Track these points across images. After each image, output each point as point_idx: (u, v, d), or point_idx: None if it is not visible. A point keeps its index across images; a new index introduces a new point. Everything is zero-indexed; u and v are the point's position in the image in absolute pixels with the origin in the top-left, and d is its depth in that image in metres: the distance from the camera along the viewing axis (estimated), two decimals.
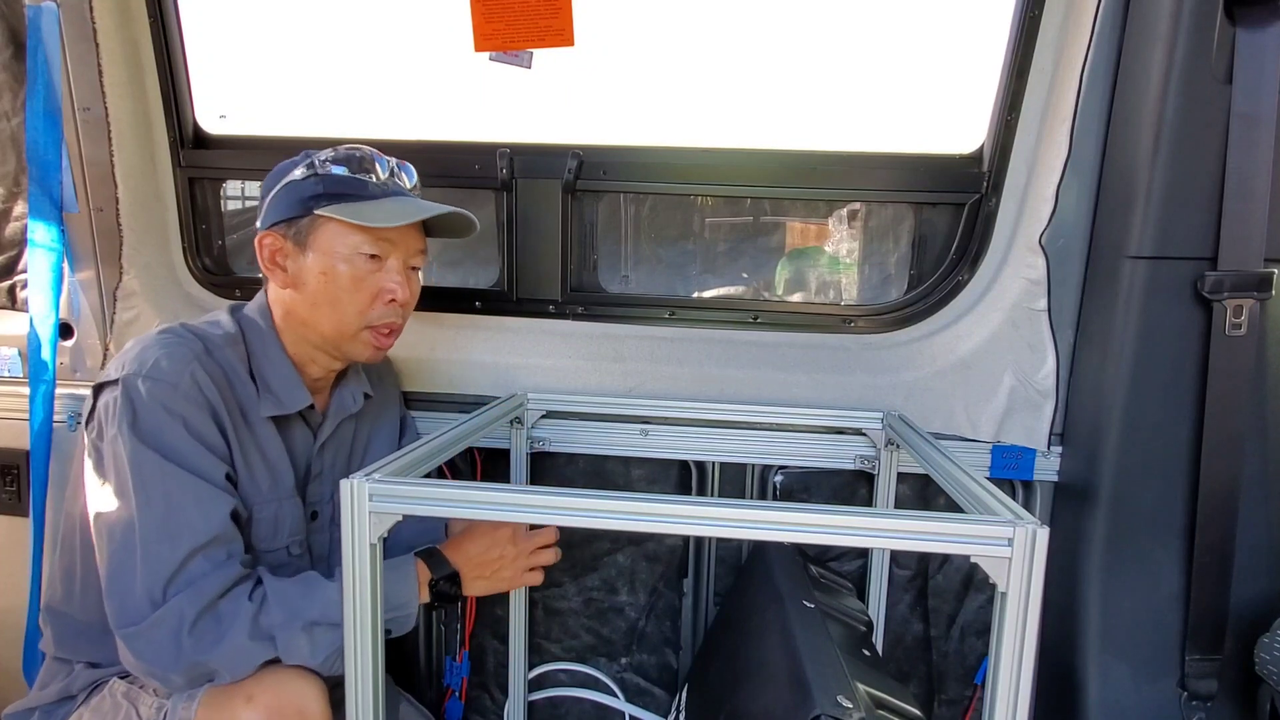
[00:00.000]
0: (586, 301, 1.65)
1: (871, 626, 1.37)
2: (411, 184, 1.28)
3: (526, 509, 0.94)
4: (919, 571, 1.62)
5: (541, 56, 1.50)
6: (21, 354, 1.67)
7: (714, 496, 1.62)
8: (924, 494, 1.59)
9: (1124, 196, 1.32)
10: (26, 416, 1.56)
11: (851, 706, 0.94)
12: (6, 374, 1.70)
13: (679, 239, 1.72)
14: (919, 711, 1.05)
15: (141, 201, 1.63)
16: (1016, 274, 1.47)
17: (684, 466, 1.64)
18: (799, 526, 0.87)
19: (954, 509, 1.02)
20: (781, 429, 1.56)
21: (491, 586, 1.24)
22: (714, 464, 1.62)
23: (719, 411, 1.56)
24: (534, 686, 1.72)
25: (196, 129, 1.69)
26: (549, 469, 1.66)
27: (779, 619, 1.22)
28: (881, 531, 0.87)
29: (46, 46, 1.47)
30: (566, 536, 1.67)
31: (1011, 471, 1.51)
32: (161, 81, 1.61)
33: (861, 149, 1.59)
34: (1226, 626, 1.31)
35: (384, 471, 0.97)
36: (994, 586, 0.86)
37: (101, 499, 1.09)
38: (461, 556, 1.22)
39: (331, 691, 1.07)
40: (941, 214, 1.59)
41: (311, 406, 1.26)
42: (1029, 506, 1.52)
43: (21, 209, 1.67)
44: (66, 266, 1.58)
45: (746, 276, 1.73)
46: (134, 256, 1.62)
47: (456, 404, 1.62)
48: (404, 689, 1.54)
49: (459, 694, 1.71)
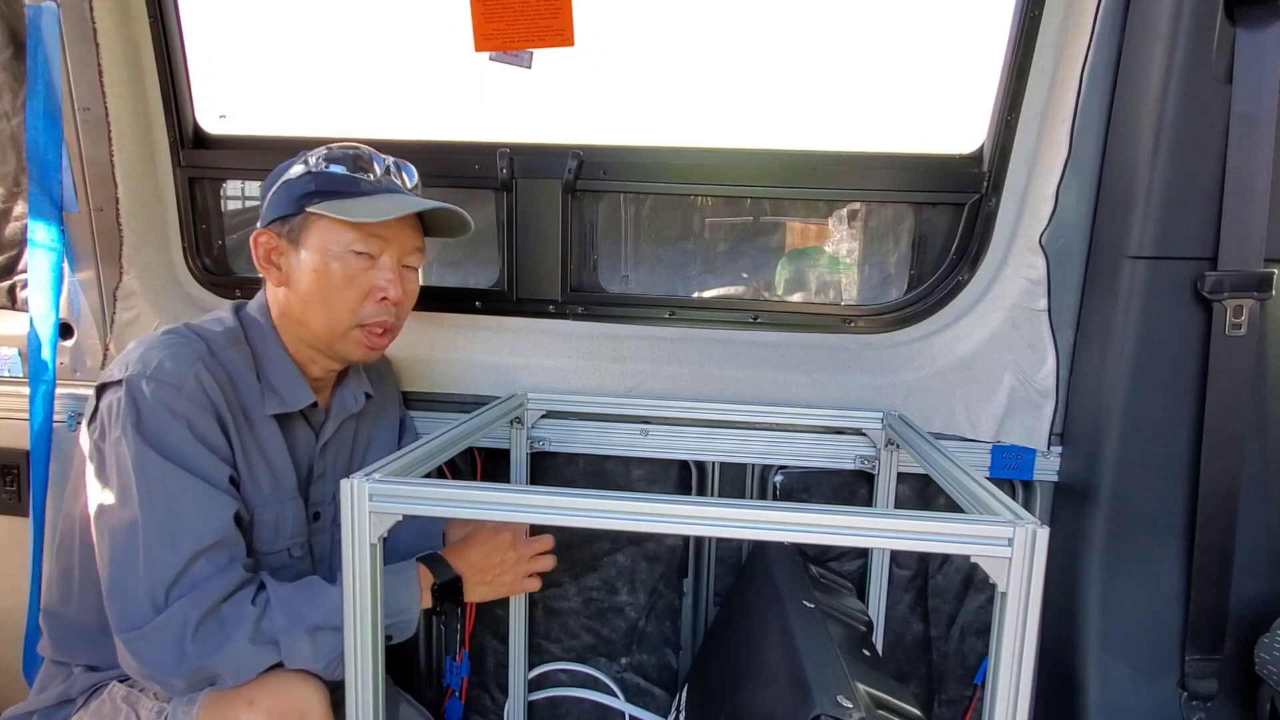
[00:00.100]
0: (586, 301, 1.65)
1: (871, 626, 1.37)
2: (413, 184, 1.28)
3: (526, 509, 0.94)
4: (919, 571, 1.62)
5: (541, 56, 1.50)
6: (21, 354, 1.67)
7: (714, 496, 1.62)
8: (924, 494, 1.59)
9: (1124, 196, 1.32)
10: (26, 416, 1.56)
11: (851, 706, 0.94)
12: (6, 374, 1.70)
13: (679, 239, 1.72)
14: (919, 711, 1.05)
15: (141, 201, 1.63)
16: (1016, 274, 1.47)
17: (684, 466, 1.64)
18: (799, 526, 0.87)
19: (954, 509, 1.02)
20: (781, 429, 1.56)
21: (492, 592, 1.24)
22: (714, 464, 1.62)
23: (719, 411, 1.56)
24: (534, 686, 1.72)
25: (196, 129, 1.69)
26: (549, 469, 1.66)
27: (779, 619, 1.22)
28: (881, 531, 0.87)
29: (46, 46, 1.47)
30: (566, 536, 1.68)
31: (1011, 471, 1.51)
32: (161, 81, 1.61)
33: (861, 149, 1.59)
34: (1226, 626, 1.31)
35: (384, 471, 0.97)
36: (994, 586, 0.86)
37: (104, 500, 1.08)
38: (463, 562, 1.22)
39: (332, 692, 1.07)
40: (941, 214, 1.59)
41: (315, 405, 1.26)
42: (1029, 506, 1.52)
43: (21, 209, 1.67)
44: (66, 266, 1.58)
45: (746, 276, 1.73)
46: (134, 256, 1.62)
47: (456, 404, 1.62)
48: (404, 689, 1.54)
49: (459, 694, 1.71)
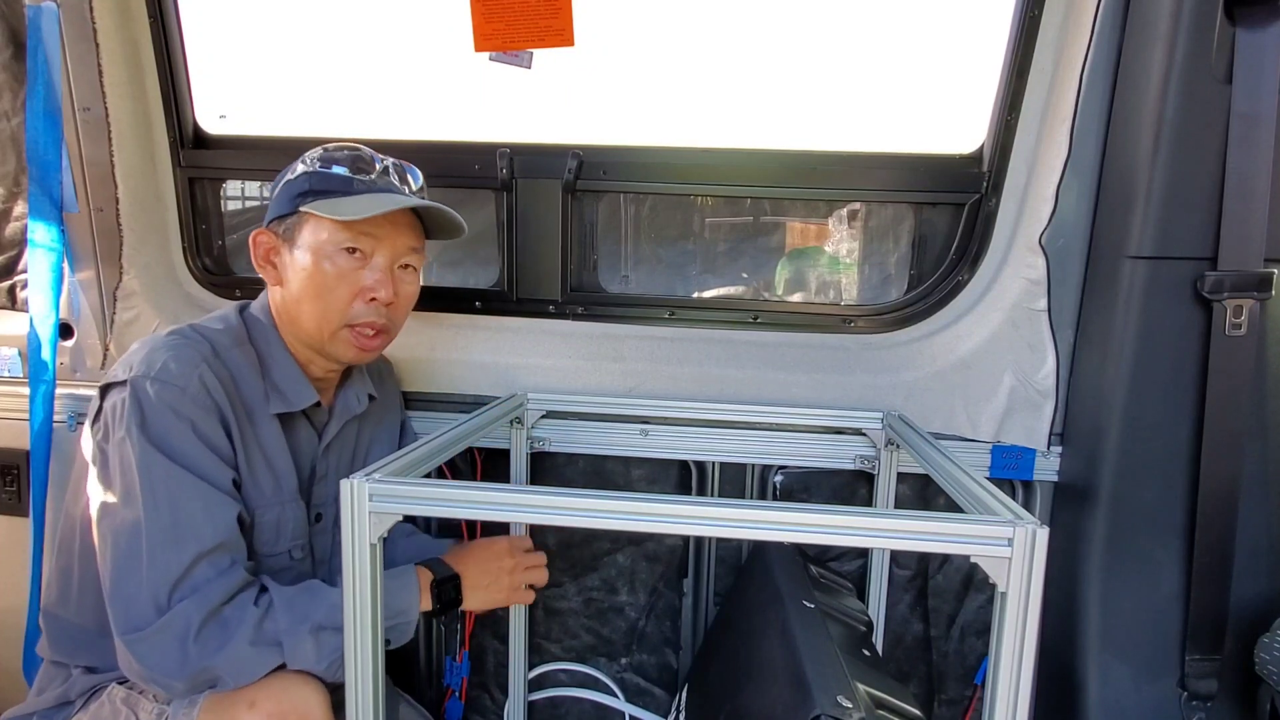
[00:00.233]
0: (586, 301, 1.65)
1: (871, 626, 1.37)
2: (418, 185, 1.28)
3: (526, 509, 0.94)
4: (919, 571, 1.62)
5: (541, 56, 1.50)
6: (21, 354, 1.67)
7: (714, 496, 1.62)
8: (924, 494, 1.59)
9: (1124, 196, 1.32)
10: (26, 416, 1.56)
11: (851, 706, 0.94)
12: (6, 374, 1.70)
13: (679, 239, 1.72)
14: (919, 711, 1.05)
15: (141, 201, 1.63)
16: (1016, 274, 1.47)
17: (684, 466, 1.64)
18: (799, 526, 0.87)
19: (954, 509, 1.02)
20: (781, 429, 1.56)
21: (488, 598, 1.25)
22: (714, 464, 1.62)
23: (719, 411, 1.56)
24: (534, 686, 1.72)
25: (196, 129, 1.69)
26: (549, 469, 1.66)
27: (779, 619, 1.22)
28: (881, 531, 0.87)
29: (46, 46, 1.47)
30: (566, 536, 1.68)
31: (1011, 471, 1.51)
32: (161, 81, 1.61)
33: (861, 149, 1.59)
34: (1226, 626, 1.31)
35: (384, 471, 0.97)
36: (994, 586, 0.86)
37: (107, 501, 1.08)
38: (461, 564, 1.23)
39: (332, 692, 1.07)
40: (941, 214, 1.59)
41: (318, 405, 1.26)
42: (1029, 506, 1.52)
43: (21, 209, 1.67)
44: (66, 266, 1.58)
45: (746, 276, 1.73)
46: (134, 256, 1.62)
47: (456, 404, 1.62)
48: (404, 689, 1.54)
49: (459, 694, 1.71)
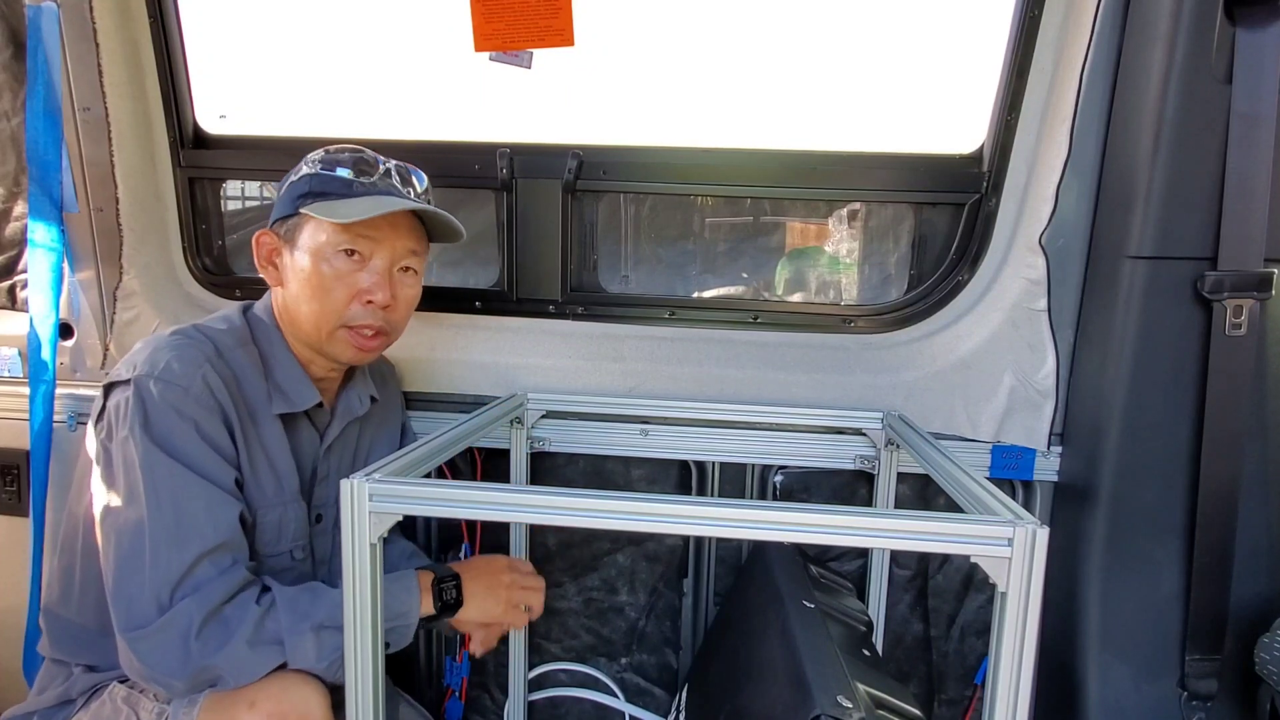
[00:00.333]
0: (586, 301, 1.65)
1: (871, 626, 1.37)
2: (423, 188, 1.28)
3: (526, 509, 0.94)
4: (919, 571, 1.62)
5: (541, 56, 1.50)
6: (21, 354, 1.67)
7: (714, 496, 1.62)
8: (924, 494, 1.59)
9: (1124, 196, 1.32)
10: (26, 416, 1.56)
11: (851, 706, 0.94)
12: (6, 374, 1.70)
13: (679, 239, 1.72)
14: (919, 711, 1.05)
15: (141, 201, 1.63)
16: (1016, 274, 1.47)
17: (684, 466, 1.64)
18: (799, 526, 0.87)
19: (954, 509, 1.02)
20: (781, 429, 1.56)
21: (485, 609, 1.23)
22: (714, 464, 1.62)
23: (719, 411, 1.56)
24: (534, 686, 1.72)
25: (196, 129, 1.69)
26: (549, 469, 1.66)
27: (779, 619, 1.22)
28: (881, 531, 0.87)
29: (46, 46, 1.47)
30: (566, 536, 1.68)
31: (1011, 471, 1.51)
32: (161, 81, 1.61)
33: (861, 149, 1.59)
34: (1226, 626, 1.31)
35: (384, 471, 0.97)
36: (994, 586, 0.86)
37: (110, 500, 1.08)
38: (462, 568, 1.23)
39: (333, 692, 1.07)
40: (941, 214, 1.59)
41: (320, 405, 1.27)
42: (1029, 506, 1.52)
43: (21, 209, 1.67)
44: (66, 266, 1.58)
45: (746, 276, 1.73)
46: (134, 256, 1.62)
47: (456, 404, 1.62)
48: (404, 689, 1.54)
49: (459, 694, 1.71)
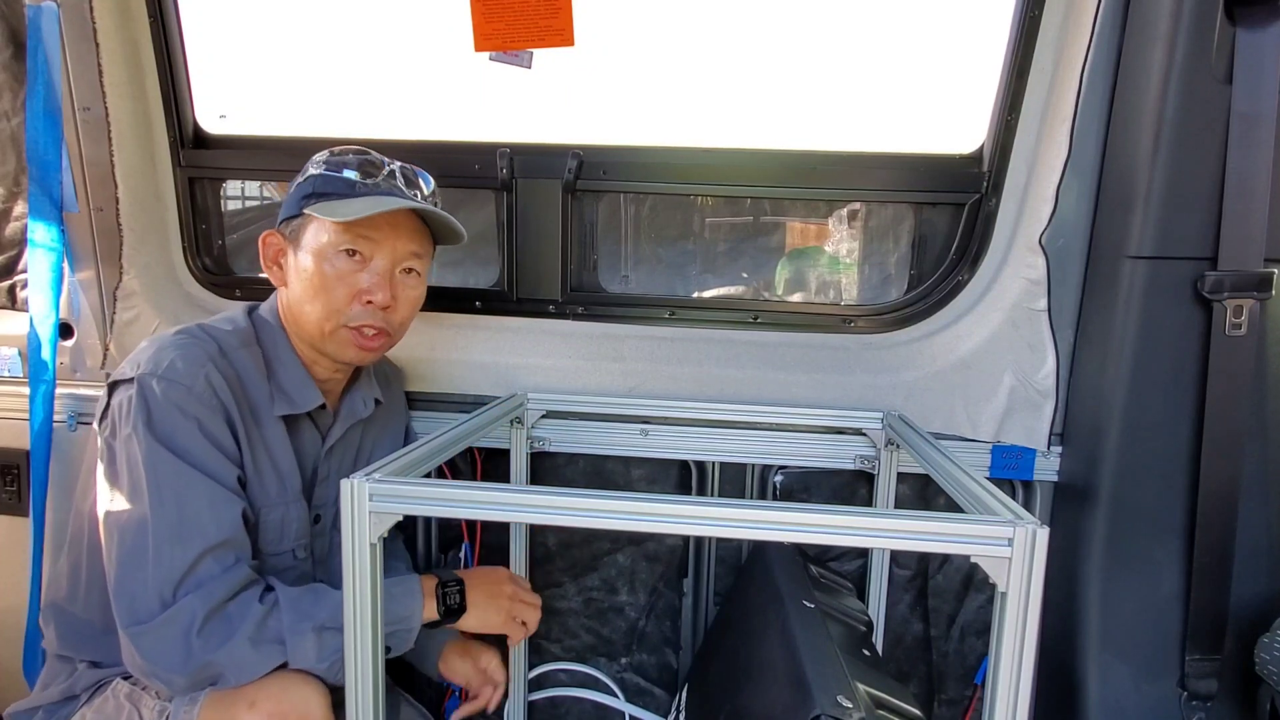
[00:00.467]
0: (586, 301, 1.65)
1: (871, 626, 1.37)
2: (429, 190, 1.28)
3: (526, 509, 0.94)
4: (919, 571, 1.62)
5: (541, 56, 1.50)
6: (21, 354, 1.67)
7: (714, 496, 1.62)
8: (924, 494, 1.59)
9: (1124, 196, 1.32)
10: (26, 416, 1.56)
11: (851, 706, 0.94)
12: (6, 374, 1.70)
13: (679, 239, 1.72)
14: (919, 711, 1.05)
15: (141, 201, 1.63)
16: (1016, 274, 1.47)
17: (684, 466, 1.64)
18: (799, 526, 0.87)
19: (954, 509, 1.02)
20: (781, 429, 1.56)
21: (485, 618, 1.23)
22: (714, 464, 1.62)
23: (719, 411, 1.56)
24: (534, 686, 1.72)
25: (196, 129, 1.69)
26: (549, 469, 1.66)
27: (779, 619, 1.22)
28: (881, 531, 0.87)
29: (46, 46, 1.47)
30: (566, 536, 1.68)
31: (1011, 471, 1.51)
32: (161, 81, 1.61)
33: (861, 149, 1.59)
34: (1226, 626, 1.31)
35: (384, 471, 0.97)
36: (994, 586, 0.86)
37: (114, 497, 1.09)
38: (464, 574, 1.23)
39: (332, 692, 1.07)
40: (941, 214, 1.59)
41: (323, 407, 1.27)
42: (1029, 506, 1.52)
43: (21, 209, 1.67)
44: (66, 266, 1.58)
45: (746, 276, 1.73)
46: (134, 256, 1.62)
47: (456, 404, 1.62)
48: (404, 689, 1.54)
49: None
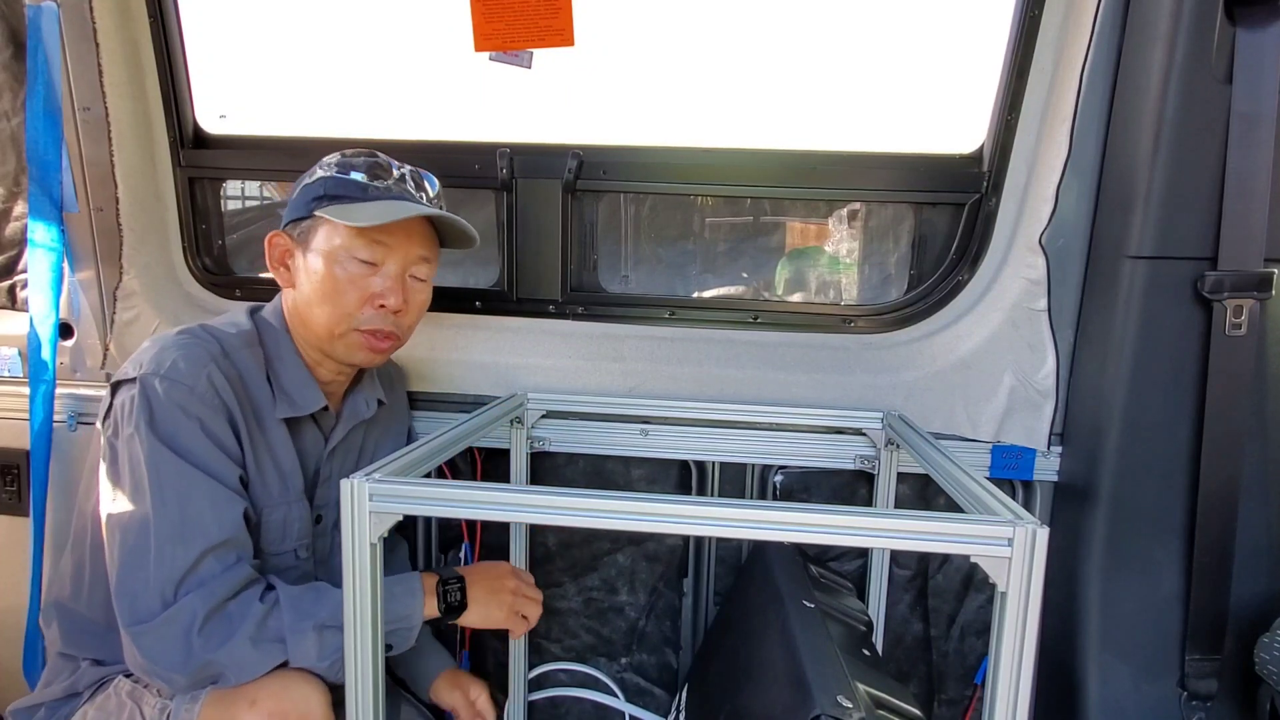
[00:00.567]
0: (586, 301, 1.65)
1: (871, 626, 1.37)
2: (435, 193, 1.28)
3: (526, 509, 0.94)
4: (919, 571, 1.62)
5: (541, 56, 1.50)
6: (21, 354, 1.67)
7: (714, 496, 1.62)
8: (924, 494, 1.59)
9: (1124, 196, 1.32)
10: (26, 416, 1.56)
11: (851, 706, 0.94)
12: (6, 374, 1.70)
13: (679, 239, 1.72)
14: (919, 711, 1.05)
15: (141, 201, 1.63)
16: (1016, 274, 1.47)
17: (684, 466, 1.64)
18: (799, 526, 0.87)
19: (954, 509, 1.02)
20: (781, 429, 1.56)
21: (487, 614, 1.23)
22: (714, 464, 1.62)
23: (719, 411, 1.56)
24: (534, 686, 1.72)
25: (196, 129, 1.69)
26: (549, 469, 1.66)
27: (779, 619, 1.22)
28: (881, 531, 0.87)
29: (46, 46, 1.47)
30: (566, 536, 1.68)
31: (1011, 471, 1.51)
32: (161, 81, 1.61)
33: (861, 149, 1.59)
34: (1226, 626, 1.31)
35: (384, 471, 0.97)
36: (994, 586, 0.86)
37: (116, 497, 1.09)
38: (466, 571, 1.23)
39: (333, 691, 1.07)
40: (941, 214, 1.59)
41: (325, 409, 1.27)
42: (1029, 506, 1.52)
43: (21, 209, 1.67)
44: (66, 266, 1.58)
45: (746, 276, 1.73)
46: (134, 256, 1.62)
47: (456, 404, 1.62)
48: (404, 689, 1.54)
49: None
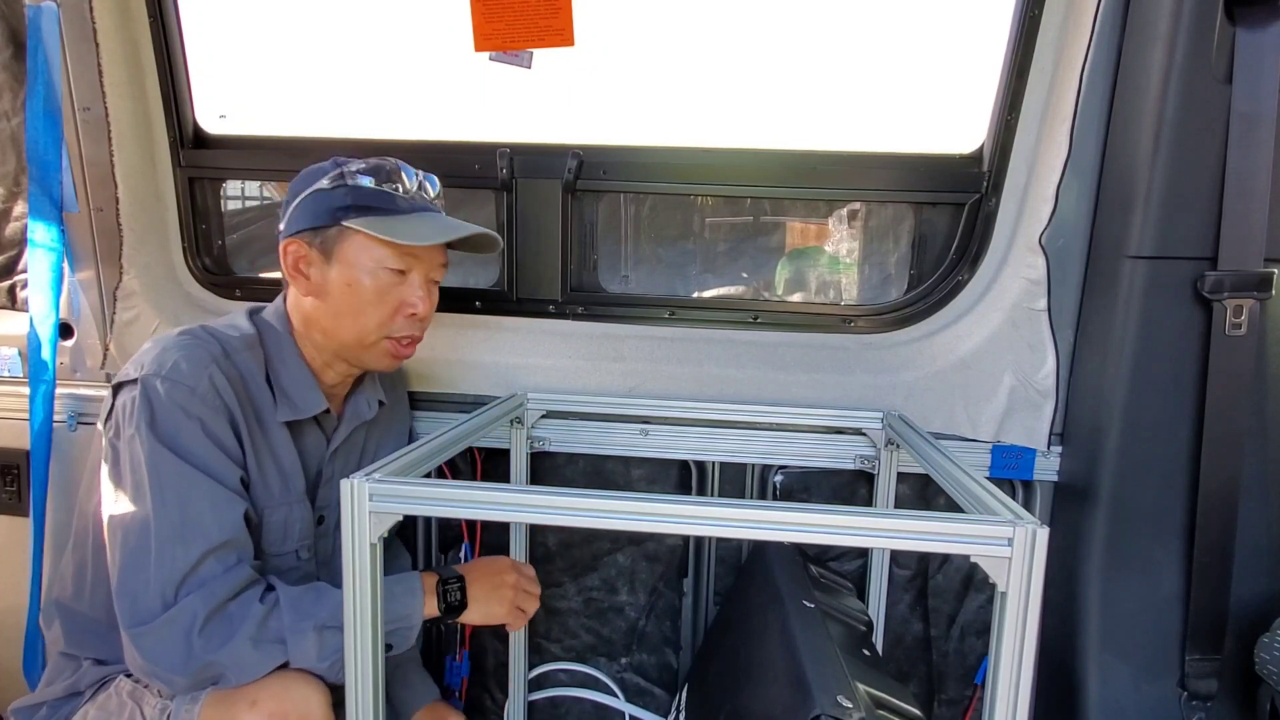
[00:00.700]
0: (586, 301, 1.65)
1: (871, 626, 1.37)
2: (435, 194, 1.29)
3: (526, 509, 0.94)
4: (919, 571, 1.62)
5: (541, 56, 1.50)
6: (21, 354, 1.67)
7: (714, 496, 1.62)
8: (924, 494, 1.59)
9: (1124, 196, 1.32)
10: (26, 416, 1.56)
11: (851, 706, 0.94)
12: (6, 374, 1.70)
13: (679, 239, 1.72)
14: (919, 711, 1.05)
15: (141, 201, 1.63)
16: (1016, 274, 1.47)
17: (684, 466, 1.64)
18: (799, 526, 0.87)
19: (954, 509, 1.01)
20: (781, 429, 1.56)
21: (489, 611, 1.23)
22: (714, 464, 1.62)
23: (719, 411, 1.56)
24: (534, 686, 1.72)
25: (196, 129, 1.69)
26: (549, 469, 1.66)
27: (779, 619, 1.22)
28: (881, 531, 0.87)
29: (46, 46, 1.47)
30: (566, 536, 1.68)
31: (1011, 471, 1.51)
32: (161, 81, 1.61)
33: (861, 149, 1.59)
34: (1226, 626, 1.31)
35: (384, 471, 0.97)
36: (994, 586, 0.86)
37: (117, 498, 1.10)
38: (466, 570, 1.23)
39: (334, 691, 1.07)
40: (941, 214, 1.59)
41: (327, 411, 1.27)
42: (1029, 506, 1.52)
43: (21, 209, 1.67)
44: (66, 266, 1.58)
45: (746, 276, 1.73)
46: (134, 256, 1.62)
47: (456, 404, 1.62)
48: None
49: (459, 694, 1.71)
